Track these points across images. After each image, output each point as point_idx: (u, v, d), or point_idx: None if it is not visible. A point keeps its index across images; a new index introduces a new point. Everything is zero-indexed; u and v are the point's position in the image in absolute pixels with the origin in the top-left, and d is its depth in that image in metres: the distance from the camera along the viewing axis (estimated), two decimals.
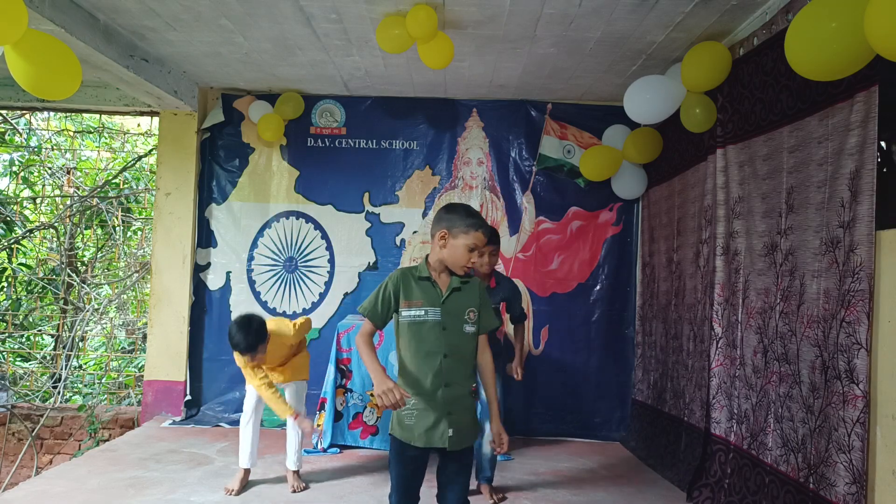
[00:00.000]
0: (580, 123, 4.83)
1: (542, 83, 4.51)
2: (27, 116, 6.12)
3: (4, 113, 5.77)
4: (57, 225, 5.91)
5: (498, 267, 4.86)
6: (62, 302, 5.84)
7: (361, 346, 2.09)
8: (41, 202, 6.39)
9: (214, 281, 4.92)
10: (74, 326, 5.60)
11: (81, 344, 5.92)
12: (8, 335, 5.93)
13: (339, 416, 4.11)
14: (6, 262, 6.02)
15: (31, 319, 6.09)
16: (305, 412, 3.45)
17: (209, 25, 3.65)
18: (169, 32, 3.77)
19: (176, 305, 4.81)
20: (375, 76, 4.48)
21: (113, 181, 6.13)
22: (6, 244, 5.94)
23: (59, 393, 5.35)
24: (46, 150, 6.31)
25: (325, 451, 4.01)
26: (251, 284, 4.91)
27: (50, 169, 6.27)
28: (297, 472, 3.41)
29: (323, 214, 4.94)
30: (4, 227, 6.05)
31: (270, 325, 3.21)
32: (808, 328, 2.64)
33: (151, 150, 6.01)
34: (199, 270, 4.91)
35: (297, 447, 3.38)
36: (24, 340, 6.13)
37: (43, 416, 4.91)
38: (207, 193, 4.93)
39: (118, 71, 3.86)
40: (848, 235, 2.41)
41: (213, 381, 4.84)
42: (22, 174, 6.20)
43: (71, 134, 6.56)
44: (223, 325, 4.87)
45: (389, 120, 4.93)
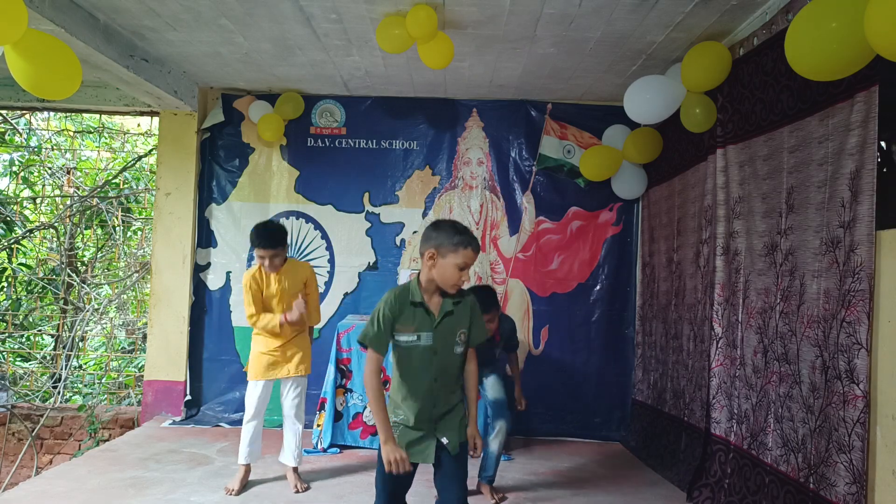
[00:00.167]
0: (580, 123, 4.83)
1: (542, 83, 4.51)
2: (27, 116, 6.12)
3: (4, 113, 5.77)
4: (57, 225, 5.91)
5: (498, 267, 4.89)
6: (62, 302, 5.84)
7: (372, 388, 2.05)
8: (41, 202, 6.39)
9: (214, 281, 4.92)
10: (74, 326, 5.60)
11: (81, 344, 5.92)
12: (8, 335, 5.93)
13: (339, 416, 4.11)
14: (6, 262, 6.02)
15: (31, 319, 6.09)
16: (304, 412, 3.45)
17: (209, 25, 3.65)
18: (169, 32, 3.77)
19: (176, 305, 4.81)
20: (375, 76, 4.48)
21: (113, 181, 6.13)
22: (6, 244, 5.94)
23: (59, 393, 5.35)
24: (46, 150, 6.31)
25: (325, 451, 4.01)
26: None
27: (50, 169, 6.27)
28: (297, 470, 3.40)
29: (323, 214, 4.94)
30: (4, 227, 6.05)
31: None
32: (808, 328, 2.64)
33: (151, 150, 6.01)
34: (199, 270, 4.91)
35: (295, 442, 3.37)
36: (24, 340, 6.13)
37: (43, 416, 4.91)
38: (207, 193, 4.93)
39: (118, 71, 3.86)
40: (848, 235, 2.41)
41: (213, 381, 4.84)
42: (22, 174, 6.20)
43: (71, 134, 6.56)
44: (223, 325, 4.89)
45: (389, 120, 4.93)
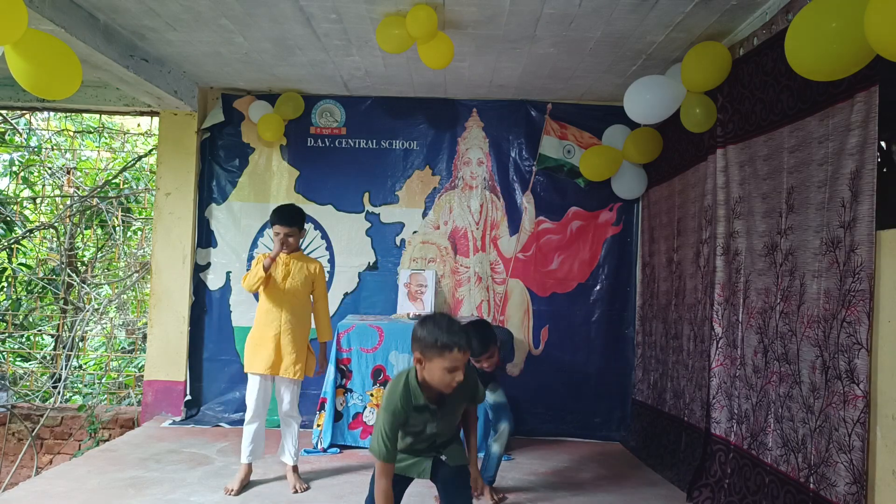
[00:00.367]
0: (580, 123, 4.82)
1: (542, 83, 4.51)
2: (27, 116, 6.12)
3: (4, 113, 5.77)
4: (57, 225, 5.91)
5: (498, 267, 4.88)
6: (62, 302, 5.84)
7: (382, 493, 2.00)
8: (41, 202, 6.39)
9: (214, 281, 4.92)
10: (74, 326, 5.60)
11: (81, 344, 5.92)
12: (8, 335, 5.93)
13: (339, 416, 4.11)
14: (6, 262, 6.02)
15: (31, 319, 6.09)
16: (298, 411, 3.46)
17: (209, 25, 3.65)
18: (169, 32, 3.77)
19: (176, 305, 4.81)
20: (375, 76, 4.48)
21: (113, 181, 6.13)
22: (6, 244, 5.94)
23: (59, 393, 5.35)
24: (46, 150, 6.31)
25: (325, 451, 4.01)
26: None
27: (50, 169, 6.27)
28: (296, 470, 3.40)
29: (323, 214, 4.94)
30: (4, 227, 6.05)
31: None
32: (808, 328, 2.64)
33: (151, 150, 6.01)
34: (199, 270, 4.91)
35: (292, 441, 3.37)
36: (24, 340, 6.13)
37: (43, 416, 4.91)
38: (207, 193, 4.93)
39: (118, 71, 3.86)
40: (848, 235, 2.41)
41: (213, 381, 4.84)
42: (22, 174, 6.20)
43: (71, 134, 6.55)
44: (223, 325, 4.88)
45: (389, 120, 4.93)
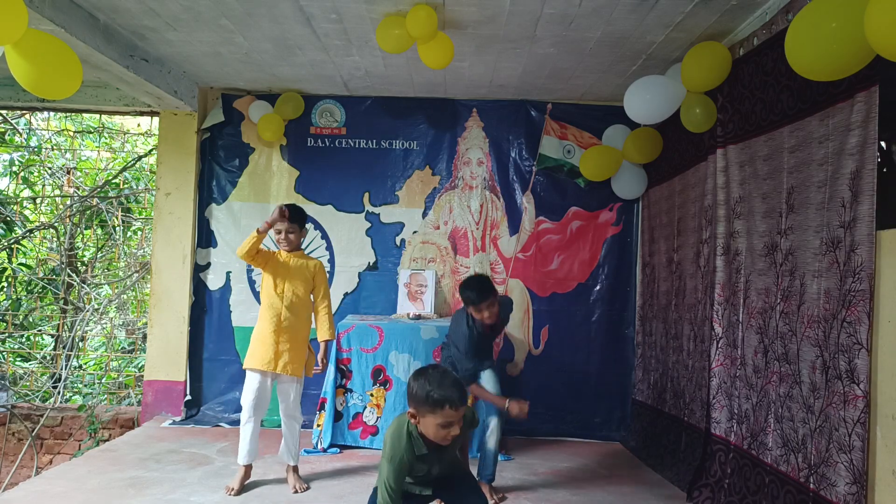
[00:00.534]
0: (580, 123, 4.82)
1: (542, 83, 4.51)
2: (27, 116, 6.12)
3: (4, 113, 5.77)
4: (57, 225, 5.91)
5: (498, 267, 4.89)
6: (62, 302, 5.84)
7: None
8: (41, 202, 6.39)
9: (214, 281, 4.92)
10: (74, 326, 5.60)
11: (81, 344, 5.92)
12: (8, 335, 5.93)
13: (339, 416, 4.11)
14: (6, 262, 6.02)
15: (31, 319, 6.09)
16: (300, 411, 3.46)
17: (209, 25, 3.65)
18: (169, 32, 3.77)
19: (176, 305, 4.81)
20: (375, 76, 4.48)
21: (113, 181, 6.13)
22: (6, 244, 5.94)
23: (59, 393, 5.35)
24: (46, 150, 6.31)
25: (325, 451, 4.01)
26: (251, 284, 4.91)
27: (50, 169, 6.27)
28: (297, 470, 3.40)
29: (323, 214, 4.94)
30: (4, 227, 6.05)
31: None
32: (808, 328, 2.64)
33: (151, 150, 6.01)
34: (199, 270, 4.91)
35: (293, 441, 3.37)
36: (24, 340, 6.13)
37: (43, 416, 4.91)
38: (207, 193, 4.93)
39: (118, 71, 3.86)
40: (848, 235, 2.41)
41: (213, 381, 4.84)
42: (22, 174, 6.20)
43: (71, 134, 6.55)
44: (223, 325, 4.88)
45: (389, 120, 4.93)
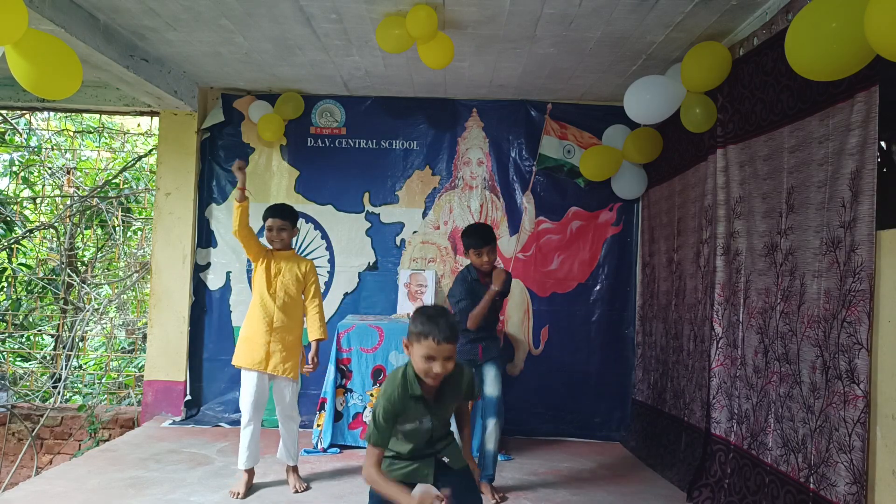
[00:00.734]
0: (580, 123, 4.82)
1: (542, 83, 4.50)
2: (27, 116, 6.12)
3: (4, 113, 5.77)
4: (57, 225, 5.91)
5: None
6: (62, 302, 5.84)
7: (374, 481, 1.99)
8: (41, 202, 6.39)
9: (214, 281, 4.92)
10: (74, 326, 5.60)
11: (81, 344, 5.92)
12: (8, 335, 5.93)
13: (339, 416, 4.11)
14: (6, 262, 6.02)
15: (31, 319, 6.09)
16: (297, 412, 3.45)
17: (209, 25, 3.65)
18: (169, 32, 3.77)
19: (176, 305, 4.81)
20: (375, 76, 4.48)
21: (113, 181, 6.13)
22: (6, 244, 5.94)
23: (59, 393, 5.35)
24: (46, 150, 6.31)
25: (325, 451, 4.01)
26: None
27: (50, 169, 6.27)
28: (296, 470, 3.40)
29: (323, 214, 4.94)
30: (4, 227, 6.05)
31: None
32: (808, 328, 2.64)
33: (151, 150, 6.01)
34: (199, 270, 4.91)
35: (291, 441, 3.37)
36: (24, 340, 6.13)
37: (43, 416, 4.91)
38: (207, 193, 4.93)
39: (118, 71, 3.86)
40: (849, 235, 2.41)
41: (213, 381, 4.84)
42: (22, 174, 6.20)
43: (71, 134, 6.55)
44: (223, 325, 4.88)
45: (389, 120, 4.93)
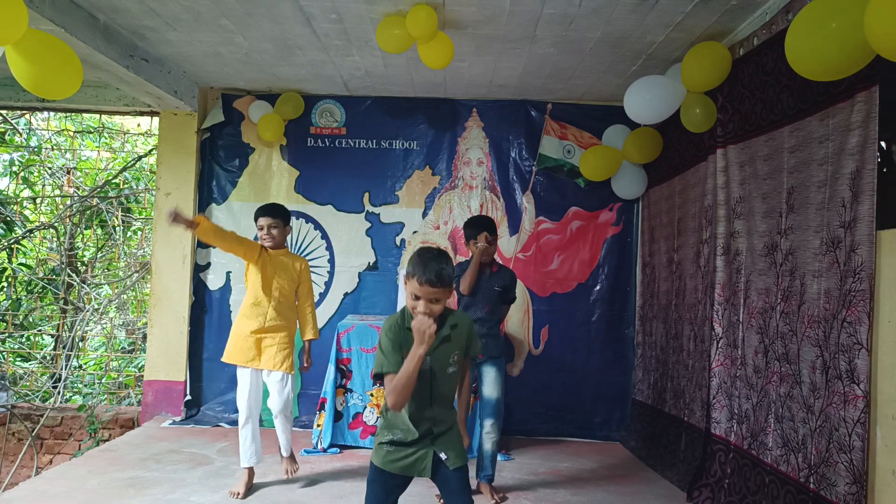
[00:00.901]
0: (580, 123, 4.83)
1: (542, 83, 4.50)
2: (27, 116, 6.12)
3: (4, 113, 5.77)
4: (57, 225, 5.91)
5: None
6: (62, 302, 5.84)
7: (394, 383, 1.97)
8: (41, 202, 6.39)
9: (214, 281, 4.92)
10: (74, 326, 5.60)
11: (81, 344, 5.92)
12: (8, 335, 5.93)
13: (339, 416, 4.11)
14: (6, 262, 6.02)
15: (31, 319, 6.09)
16: (290, 408, 3.46)
17: (209, 25, 3.65)
18: (169, 32, 3.77)
19: (176, 305, 4.81)
20: (375, 76, 4.48)
21: (113, 181, 6.13)
22: (6, 244, 5.94)
23: (59, 393, 5.35)
24: (46, 150, 6.31)
25: (325, 451, 4.01)
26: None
27: (50, 169, 6.27)
28: (292, 457, 3.47)
29: (323, 214, 4.94)
30: (4, 227, 6.05)
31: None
32: (808, 328, 2.64)
33: (151, 150, 6.01)
34: (199, 270, 4.91)
35: (286, 436, 3.41)
36: (24, 340, 6.13)
37: (43, 416, 4.91)
38: (207, 193, 4.93)
39: (118, 71, 3.86)
40: (849, 235, 2.41)
41: (213, 381, 4.84)
42: (22, 174, 6.20)
43: (71, 134, 6.55)
44: (223, 325, 4.87)
45: (389, 120, 4.93)
